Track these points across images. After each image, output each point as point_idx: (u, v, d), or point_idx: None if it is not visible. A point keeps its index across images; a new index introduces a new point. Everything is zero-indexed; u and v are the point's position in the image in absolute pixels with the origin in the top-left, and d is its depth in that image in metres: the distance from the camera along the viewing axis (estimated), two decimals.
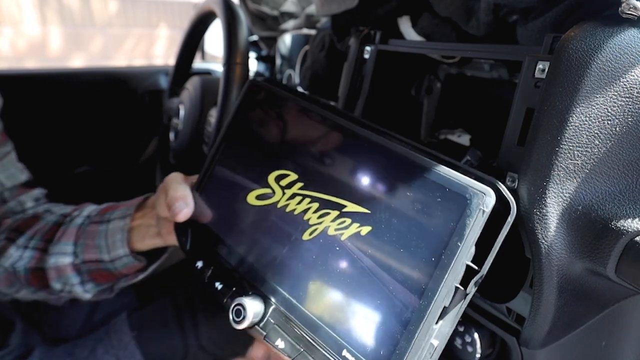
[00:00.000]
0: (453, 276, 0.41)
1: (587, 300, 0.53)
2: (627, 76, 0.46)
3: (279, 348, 0.47)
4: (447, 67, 0.78)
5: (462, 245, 0.41)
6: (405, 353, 0.41)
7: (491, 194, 0.42)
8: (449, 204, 0.43)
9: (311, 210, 0.50)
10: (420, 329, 0.41)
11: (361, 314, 0.44)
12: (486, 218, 0.41)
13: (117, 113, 1.60)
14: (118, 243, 0.74)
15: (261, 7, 1.42)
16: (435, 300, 0.41)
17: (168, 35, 4.28)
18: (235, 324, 0.49)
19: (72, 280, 0.77)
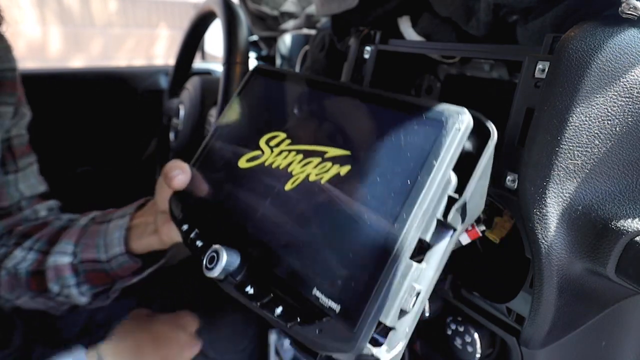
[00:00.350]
0: (428, 200, 0.39)
1: (587, 300, 0.53)
2: (627, 76, 0.46)
3: (248, 295, 0.45)
4: (447, 67, 0.78)
5: (437, 165, 0.39)
6: (375, 286, 0.38)
7: (465, 112, 0.40)
8: (425, 129, 0.42)
9: (295, 162, 0.51)
10: (391, 258, 0.38)
11: (336, 250, 0.42)
12: (463, 138, 0.40)
13: (117, 113, 1.60)
14: (115, 241, 0.75)
15: (261, 7, 1.42)
16: (408, 225, 0.38)
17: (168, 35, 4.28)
18: (207, 272, 0.47)
19: (69, 281, 0.77)
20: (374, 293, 0.37)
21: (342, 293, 0.39)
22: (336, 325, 0.39)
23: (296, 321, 0.41)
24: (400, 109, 0.45)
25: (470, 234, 0.58)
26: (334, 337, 0.38)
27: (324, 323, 0.39)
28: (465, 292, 0.62)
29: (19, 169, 0.86)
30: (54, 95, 1.49)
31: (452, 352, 0.64)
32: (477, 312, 0.60)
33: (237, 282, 0.47)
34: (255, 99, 0.64)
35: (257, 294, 0.44)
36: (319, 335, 0.39)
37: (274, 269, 0.46)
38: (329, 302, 0.40)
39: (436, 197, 0.39)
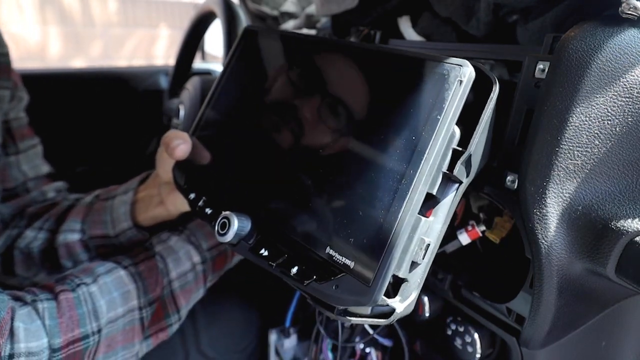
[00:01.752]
0: (434, 154, 0.39)
1: (587, 300, 0.53)
2: (627, 76, 0.46)
3: (262, 256, 0.46)
4: None
5: (442, 119, 0.39)
6: (387, 240, 0.39)
7: (467, 65, 0.40)
8: (427, 83, 0.42)
9: None
10: (402, 213, 0.39)
11: (345, 209, 0.43)
12: (465, 90, 0.40)
13: (117, 113, 1.60)
14: (122, 217, 0.77)
15: (261, 7, 1.42)
16: (416, 180, 0.39)
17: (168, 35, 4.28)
18: (220, 237, 0.48)
19: (81, 257, 0.79)
20: (386, 248, 0.38)
21: (355, 250, 0.40)
22: (352, 280, 0.40)
23: (312, 279, 0.42)
24: (401, 64, 0.45)
25: (470, 234, 0.58)
26: (351, 292, 0.40)
27: (339, 279, 0.40)
28: (466, 292, 0.62)
29: (20, 150, 0.88)
30: (54, 96, 1.49)
31: (452, 352, 0.64)
32: (477, 312, 0.60)
33: (251, 245, 0.48)
34: (250, 61, 0.63)
35: (271, 255, 0.46)
36: (335, 291, 0.40)
37: (285, 230, 0.47)
38: (343, 259, 0.41)
39: (441, 151, 0.40)
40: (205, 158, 0.62)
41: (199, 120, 0.65)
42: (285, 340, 0.87)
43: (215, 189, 0.58)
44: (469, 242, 0.59)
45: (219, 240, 0.49)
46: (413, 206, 0.39)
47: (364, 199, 0.42)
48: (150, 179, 0.78)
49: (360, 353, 0.74)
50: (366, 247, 0.40)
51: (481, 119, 0.41)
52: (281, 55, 0.60)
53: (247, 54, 0.64)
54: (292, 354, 0.88)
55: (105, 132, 1.60)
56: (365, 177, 0.43)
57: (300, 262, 0.44)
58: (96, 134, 1.58)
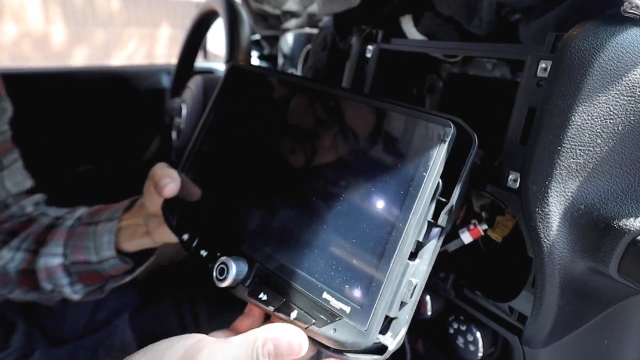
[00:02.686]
0: (421, 207, 0.43)
1: (590, 299, 0.53)
2: (629, 75, 0.46)
3: (262, 300, 0.48)
4: (449, 66, 0.78)
5: (427, 175, 0.43)
6: (380, 287, 0.42)
7: (449, 125, 0.43)
8: (413, 141, 0.46)
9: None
10: (393, 262, 0.42)
11: (339, 257, 0.46)
12: (449, 148, 0.43)
13: (119, 112, 1.60)
14: (105, 245, 0.75)
15: (263, 6, 1.42)
16: (404, 233, 0.43)
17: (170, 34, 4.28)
18: (218, 282, 0.50)
19: (61, 281, 0.77)
20: (380, 293, 0.42)
21: (351, 295, 0.44)
22: (349, 323, 0.43)
23: (312, 323, 0.45)
24: (389, 120, 0.48)
25: (472, 232, 0.58)
26: (348, 335, 0.43)
27: (337, 323, 0.44)
28: (468, 291, 0.62)
29: (4, 166, 0.84)
30: (55, 94, 1.49)
31: (455, 351, 0.64)
32: (479, 311, 0.60)
33: (250, 289, 0.50)
34: (236, 99, 0.63)
35: (270, 299, 0.48)
36: (334, 334, 0.43)
37: (282, 274, 0.49)
38: (340, 304, 0.44)
39: (427, 203, 0.43)
40: (195, 195, 0.62)
41: (188, 157, 0.64)
42: None
43: (208, 229, 0.58)
44: (471, 240, 0.59)
45: (216, 284, 0.50)
46: (403, 254, 0.43)
47: (357, 247, 0.45)
48: (136, 208, 0.76)
49: None
50: (361, 293, 0.43)
51: (462, 174, 0.45)
52: (268, 96, 0.60)
53: (233, 91, 0.64)
54: None
55: (107, 131, 1.60)
56: (358, 226, 0.46)
57: (299, 306, 0.46)
58: (98, 133, 1.58)
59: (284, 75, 0.60)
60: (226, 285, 0.50)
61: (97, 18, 3.96)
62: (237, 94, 0.63)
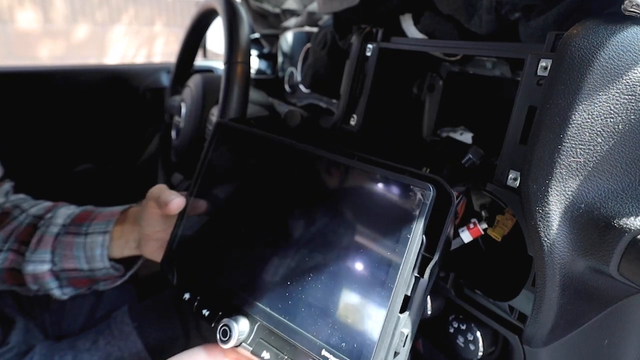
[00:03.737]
0: (408, 266, 0.46)
1: (590, 298, 0.53)
2: (629, 74, 0.45)
3: (265, 359, 0.51)
4: (449, 65, 0.78)
5: (411, 237, 0.46)
6: (375, 342, 0.46)
7: (430, 188, 0.46)
8: (396, 203, 0.49)
9: None
10: (385, 318, 0.46)
11: (334, 315, 0.49)
12: (429, 209, 0.46)
13: (118, 111, 1.60)
14: (97, 257, 0.76)
15: (263, 5, 1.42)
16: (394, 290, 0.46)
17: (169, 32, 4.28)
18: (222, 344, 0.52)
19: (50, 285, 0.78)
20: (375, 347, 0.46)
21: (348, 351, 0.47)
22: None
23: None
24: (373, 182, 0.51)
25: (472, 231, 0.58)
26: None
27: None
28: (468, 290, 0.62)
29: None
30: (55, 93, 1.49)
31: (455, 351, 0.64)
32: (479, 311, 0.60)
33: (253, 348, 0.53)
34: (226, 157, 0.64)
35: (272, 358, 0.51)
36: None
37: (282, 332, 0.52)
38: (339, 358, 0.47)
39: (413, 261, 0.46)
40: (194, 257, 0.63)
41: (182, 215, 0.65)
42: None
43: (208, 288, 0.59)
44: (470, 239, 0.59)
45: (220, 345, 0.53)
46: (394, 309, 0.46)
47: (351, 305, 0.49)
48: (128, 224, 0.76)
49: None
50: (358, 348, 0.47)
51: (443, 231, 0.47)
52: (256, 155, 0.62)
53: (222, 148, 0.65)
54: None
55: (107, 130, 1.60)
56: (350, 285, 0.49)
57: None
58: (97, 131, 1.58)
59: (271, 135, 0.61)
60: (230, 346, 0.52)
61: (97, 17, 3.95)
62: (225, 151, 0.65)
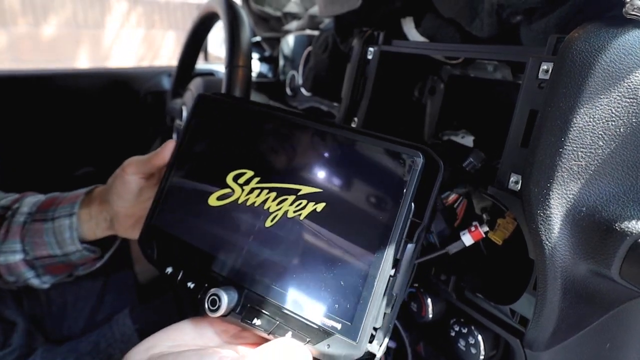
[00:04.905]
0: (399, 230, 0.48)
1: (591, 302, 0.53)
2: (631, 77, 0.45)
3: (256, 326, 0.51)
4: (450, 68, 0.78)
5: (402, 201, 0.48)
6: (368, 303, 0.47)
7: (420, 155, 0.48)
8: (386, 169, 0.50)
9: (270, 199, 0.55)
10: (377, 280, 0.47)
11: (327, 278, 0.50)
12: (419, 176, 0.48)
13: (119, 114, 1.60)
14: (68, 241, 0.75)
15: (264, 8, 1.42)
16: (386, 253, 0.47)
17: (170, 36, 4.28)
18: (211, 313, 0.52)
19: (26, 275, 0.77)
20: (368, 308, 0.47)
21: (341, 313, 0.48)
22: (341, 339, 0.47)
23: (306, 342, 0.48)
24: (363, 150, 0.52)
25: (473, 235, 0.58)
26: (342, 348, 0.47)
27: (330, 339, 0.48)
28: (469, 293, 0.62)
29: None
30: (56, 96, 1.49)
31: (456, 354, 0.64)
32: (480, 314, 0.60)
33: (242, 316, 0.52)
34: (209, 130, 0.63)
35: (264, 324, 0.51)
36: (328, 349, 0.48)
37: (272, 299, 0.52)
38: (331, 322, 0.48)
39: (403, 226, 0.48)
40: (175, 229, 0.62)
41: (163, 186, 0.64)
42: None
43: (191, 260, 0.59)
44: (472, 243, 0.58)
45: (209, 314, 0.52)
46: (385, 272, 0.47)
47: (343, 270, 0.49)
48: (95, 205, 0.76)
49: None
50: (350, 310, 0.48)
51: (431, 197, 0.50)
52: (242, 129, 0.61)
53: (203, 120, 0.64)
54: None
55: (108, 133, 1.60)
56: (342, 249, 0.50)
57: (292, 327, 0.50)
58: (99, 135, 1.58)
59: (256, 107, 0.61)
60: (219, 315, 0.52)
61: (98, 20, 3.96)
62: (207, 123, 0.64)
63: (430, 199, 0.50)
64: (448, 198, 0.61)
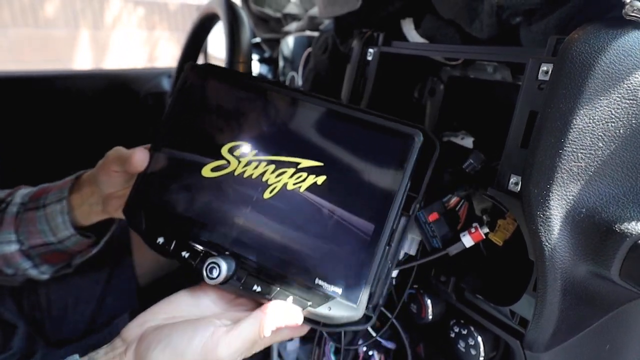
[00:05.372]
0: (398, 202, 0.51)
1: (591, 303, 0.53)
2: (631, 78, 0.45)
3: (257, 292, 0.53)
4: (450, 69, 0.78)
5: (404, 176, 0.52)
6: (369, 270, 0.51)
7: (418, 134, 0.52)
8: (387, 146, 0.53)
9: (268, 172, 0.57)
10: (377, 248, 0.51)
11: (327, 247, 0.53)
12: (418, 153, 0.52)
13: (119, 115, 1.60)
14: (61, 226, 0.75)
15: (264, 9, 1.42)
16: (386, 224, 0.51)
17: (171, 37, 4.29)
18: (210, 281, 0.53)
19: (23, 265, 0.77)
20: (369, 274, 0.51)
21: (341, 279, 0.51)
22: (342, 302, 0.51)
23: (307, 305, 0.52)
24: (364, 127, 0.54)
25: (473, 236, 0.58)
26: (343, 311, 0.51)
27: (331, 303, 0.51)
28: (469, 295, 0.62)
29: None
30: (56, 98, 1.49)
31: (456, 355, 0.64)
32: (480, 315, 0.60)
33: (242, 283, 0.54)
34: (201, 102, 0.63)
35: (264, 290, 0.53)
36: (329, 312, 0.51)
37: (272, 266, 0.54)
38: (332, 287, 0.52)
39: (402, 199, 0.52)
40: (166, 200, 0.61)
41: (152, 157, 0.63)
42: (287, 343, 0.87)
43: (185, 230, 0.59)
44: (472, 244, 0.58)
45: (208, 282, 0.54)
46: (384, 241, 0.51)
47: (344, 238, 0.52)
48: (86, 189, 0.76)
49: (363, 356, 0.74)
50: (350, 277, 0.51)
51: (427, 173, 0.53)
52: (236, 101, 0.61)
53: (194, 91, 0.63)
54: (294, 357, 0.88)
55: (108, 135, 1.60)
56: (343, 220, 0.53)
57: (293, 292, 0.53)
58: (99, 136, 1.58)
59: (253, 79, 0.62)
60: (218, 283, 0.53)
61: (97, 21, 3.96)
62: (198, 93, 0.63)
63: (426, 174, 0.53)
64: (450, 201, 0.61)
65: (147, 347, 0.49)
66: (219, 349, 0.48)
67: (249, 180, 0.57)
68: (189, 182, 0.60)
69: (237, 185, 0.58)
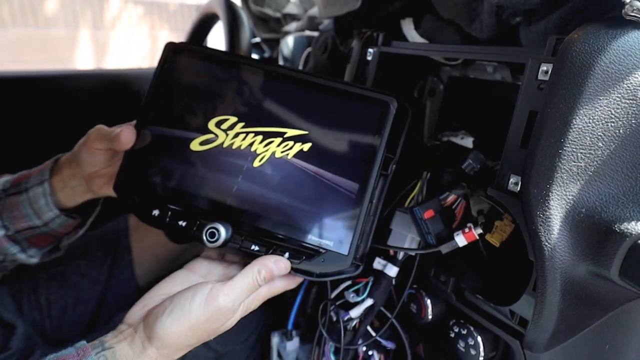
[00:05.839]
0: (377, 163, 0.58)
1: (591, 303, 0.53)
2: (630, 78, 0.45)
3: (255, 251, 0.59)
4: (449, 69, 0.78)
5: (382, 139, 0.58)
6: (356, 224, 0.57)
7: (394, 100, 0.58)
8: (365, 113, 0.59)
9: (256, 142, 0.61)
10: (363, 204, 0.57)
11: (317, 206, 0.59)
12: (394, 117, 0.58)
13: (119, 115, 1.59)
14: (44, 208, 0.75)
15: (264, 9, 1.42)
16: (369, 184, 0.58)
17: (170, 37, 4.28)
18: (210, 244, 0.58)
19: (10, 250, 0.77)
20: (355, 229, 0.57)
21: (331, 233, 0.58)
22: (333, 254, 0.58)
23: (302, 259, 0.58)
24: (343, 96, 0.60)
25: (467, 236, 0.58)
26: (335, 261, 0.58)
27: (324, 255, 0.58)
28: (469, 295, 0.62)
29: None
30: (55, 97, 1.49)
31: (456, 355, 0.64)
32: (480, 315, 0.60)
33: (240, 244, 0.60)
34: (183, 79, 0.65)
35: (262, 248, 0.59)
36: (323, 264, 0.58)
37: (266, 228, 0.59)
38: (324, 241, 0.58)
39: (382, 160, 0.58)
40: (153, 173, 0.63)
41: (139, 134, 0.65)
42: (287, 343, 0.87)
43: (180, 201, 0.62)
44: (465, 244, 0.58)
45: (208, 246, 0.58)
46: (367, 199, 0.58)
47: (332, 199, 0.58)
48: (66, 171, 0.76)
49: (363, 356, 0.74)
50: (340, 231, 0.58)
51: (402, 136, 0.61)
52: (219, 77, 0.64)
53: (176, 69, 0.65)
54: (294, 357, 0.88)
55: None
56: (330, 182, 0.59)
57: (288, 249, 0.59)
58: None
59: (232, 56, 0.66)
60: (218, 246, 0.58)
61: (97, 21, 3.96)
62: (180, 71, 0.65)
63: (402, 136, 0.61)
64: (447, 199, 0.61)
65: (155, 317, 0.54)
66: (219, 298, 0.54)
67: (238, 151, 0.61)
68: (179, 157, 0.63)
69: (227, 157, 0.61)
